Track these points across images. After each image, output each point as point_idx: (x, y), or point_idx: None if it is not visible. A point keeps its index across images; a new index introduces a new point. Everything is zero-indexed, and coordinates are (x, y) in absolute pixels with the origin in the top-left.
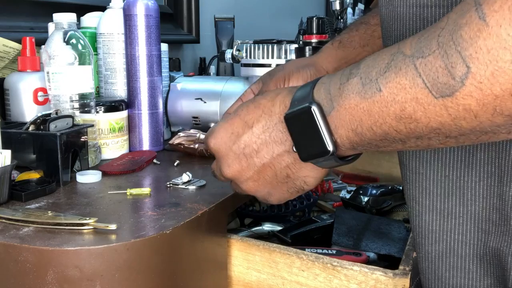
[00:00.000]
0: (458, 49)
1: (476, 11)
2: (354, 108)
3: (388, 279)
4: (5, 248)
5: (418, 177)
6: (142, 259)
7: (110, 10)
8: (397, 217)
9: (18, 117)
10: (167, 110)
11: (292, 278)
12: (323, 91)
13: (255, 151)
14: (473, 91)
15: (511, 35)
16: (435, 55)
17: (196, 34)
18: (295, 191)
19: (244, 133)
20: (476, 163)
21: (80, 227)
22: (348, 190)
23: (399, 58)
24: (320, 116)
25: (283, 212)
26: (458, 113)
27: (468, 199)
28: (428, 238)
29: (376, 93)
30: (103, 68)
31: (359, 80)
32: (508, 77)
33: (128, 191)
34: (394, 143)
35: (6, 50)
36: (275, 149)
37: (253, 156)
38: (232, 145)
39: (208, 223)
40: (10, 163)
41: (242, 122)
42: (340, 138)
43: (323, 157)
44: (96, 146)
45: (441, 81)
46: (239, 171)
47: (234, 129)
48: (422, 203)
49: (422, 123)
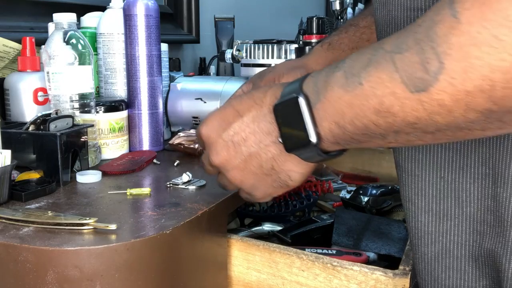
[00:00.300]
0: (433, 46)
1: (449, 9)
2: (337, 101)
3: (388, 279)
4: (5, 248)
5: (413, 179)
6: (142, 259)
7: (110, 10)
8: (397, 217)
9: (18, 117)
10: (167, 110)
11: (292, 278)
12: (311, 84)
13: (243, 139)
14: (446, 87)
15: (481, 32)
16: (412, 51)
17: (196, 34)
18: (279, 185)
19: (235, 121)
20: (470, 164)
21: (80, 227)
22: (348, 190)
23: (380, 54)
24: (306, 107)
25: (283, 212)
26: (432, 108)
27: (463, 201)
28: (424, 239)
29: (358, 87)
30: (103, 68)
31: (343, 74)
32: (478, 73)
33: (128, 191)
34: (374, 138)
35: (6, 50)
36: (263, 139)
37: (241, 145)
38: (222, 132)
39: (208, 223)
40: (10, 163)
41: (233, 111)
42: (324, 130)
43: (306, 149)
44: (96, 146)
45: (417, 76)
46: (226, 159)
47: (225, 117)
48: (418, 204)
49: (399, 117)
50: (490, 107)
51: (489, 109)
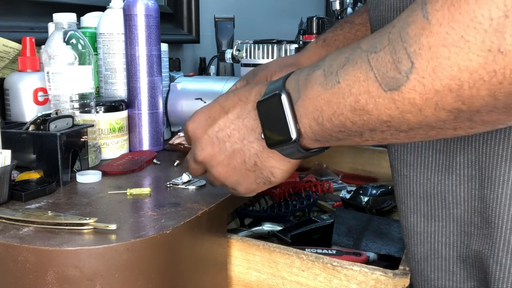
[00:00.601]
0: (405, 46)
1: (421, 10)
2: (316, 98)
3: (388, 279)
4: (5, 248)
5: (403, 179)
6: (142, 259)
7: (110, 10)
8: (397, 217)
9: (18, 117)
10: (167, 110)
11: (292, 278)
12: (293, 81)
13: (228, 135)
14: (416, 86)
15: (450, 33)
16: (385, 51)
17: (196, 34)
18: (262, 182)
19: (220, 117)
20: (457, 166)
21: (80, 227)
22: (348, 190)
23: (357, 53)
24: (288, 104)
25: (283, 212)
26: (404, 106)
27: (450, 202)
28: (414, 239)
29: (335, 85)
30: (103, 68)
31: (322, 72)
32: (447, 73)
33: (128, 191)
34: (351, 135)
35: (6, 50)
36: (246, 135)
37: (225, 141)
38: (208, 128)
39: (208, 223)
40: (10, 163)
41: (219, 108)
42: (304, 127)
43: (287, 145)
44: (96, 146)
45: (389, 75)
46: (211, 155)
47: (211, 113)
48: (408, 205)
49: (374, 115)
50: (459, 106)
51: (458, 109)
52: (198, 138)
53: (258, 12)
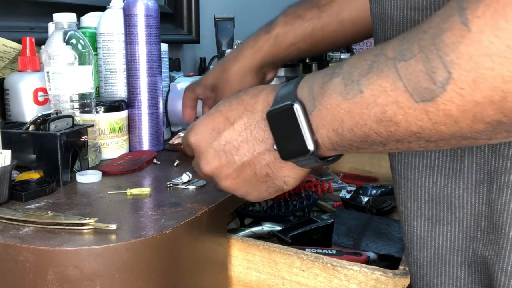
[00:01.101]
0: (440, 54)
1: (459, 16)
2: (335, 108)
3: (388, 279)
4: (5, 248)
5: (406, 182)
6: (142, 259)
7: (110, 10)
8: (397, 217)
9: (18, 117)
10: (167, 110)
11: (292, 278)
12: (306, 89)
13: (236, 148)
14: (454, 97)
15: (493, 42)
16: (417, 59)
17: (196, 34)
18: (274, 190)
19: (225, 129)
20: (465, 170)
21: (80, 227)
22: (348, 190)
23: (381, 60)
24: (302, 115)
25: (283, 212)
26: (438, 118)
27: (456, 206)
28: (417, 243)
29: (358, 94)
30: (103, 68)
31: (342, 80)
32: (489, 84)
33: (128, 191)
34: (374, 145)
35: (6, 50)
36: (256, 147)
37: (233, 154)
38: (213, 141)
39: (208, 223)
40: (10, 163)
41: (223, 118)
42: (321, 137)
43: (303, 156)
44: (96, 146)
45: (422, 86)
46: (217, 168)
47: (215, 125)
48: (411, 208)
49: (402, 127)
50: (500, 118)
51: (498, 120)
52: (202, 152)
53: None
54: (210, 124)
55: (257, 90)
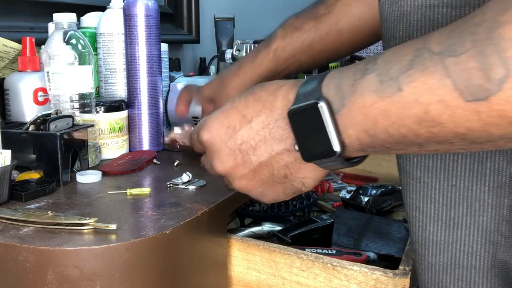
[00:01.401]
0: (497, 50)
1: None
2: (369, 108)
3: (388, 279)
4: (5, 248)
5: (421, 186)
6: (142, 259)
7: (110, 10)
8: (397, 217)
9: (18, 117)
10: (167, 110)
11: (292, 278)
12: (333, 86)
13: (253, 148)
14: (510, 96)
15: None
16: (469, 55)
17: (196, 34)
18: (292, 192)
19: (242, 127)
20: (486, 172)
21: (80, 227)
22: (348, 190)
23: (425, 56)
24: (328, 114)
25: (283, 212)
26: (490, 119)
27: (476, 210)
28: (432, 249)
29: (396, 93)
30: (103, 68)
31: (377, 77)
32: None
33: (128, 191)
34: (410, 146)
35: (6, 50)
36: (275, 147)
37: (249, 153)
38: (228, 140)
39: (208, 223)
40: (10, 163)
41: (239, 116)
42: (349, 138)
43: (328, 158)
44: (96, 146)
45: (475, 84)
46: (232, 168)
47: (230, 122)
48: (426, 212)
49: (448, 128)
50: None
51: None
52: (216, 150)
53: (258, 12)
54: (225, 121)
55: (275, 86)
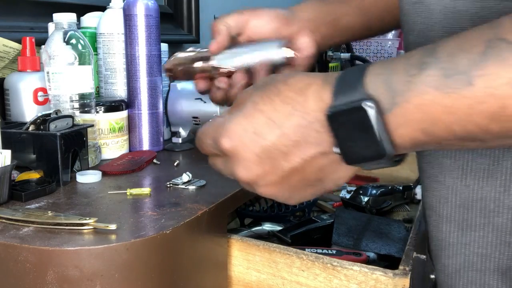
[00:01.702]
0: None
1: None
2: (430, 105)
3: (388, 279)
4: (5, 248)
5: (436, 185)
6: (142, 259)
7: (110, 10)
8: (397, 217)
9: (18, 117)
10: (167, 110)
11: (292, 278)
12: (381, 83)
13: (284, 154)
14: None
15: None
16: None
17: (196, 34)
18: (321, 193)
19: (271, 132)
20: (502, 171)
21: (80, 227)
22: (348, 190)
23: (502, 46)
24: (378, 114)
25: (283, 212)
26: None
27: (491, 210)
28: (446, 250)
29: (466, 87)
30: (103, 68)
31: (439, 72)
32: None
33: (128, 191)
34: (472, 142)
35: (6, 50)
36: (308, 151)
37: (279, 159)
38: (255, 146)
39: (208, 223)
40: (10, 163)
41: (266, 120)
42: (401, 138)
43: (377, 160)
44: (96, 146)
45: None
46: (259, 176)
47: (256, 128)
48: (441, 213)
49: None
50: None
51: None
52: (241, 158)
53: None
54: (249, 126)
55: (302, 84)
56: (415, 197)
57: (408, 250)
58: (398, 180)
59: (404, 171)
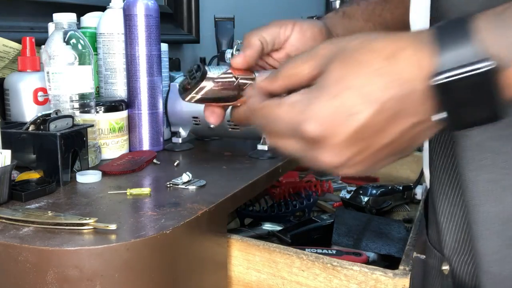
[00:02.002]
0: None
1: None
2: None
3: (388, 279)
4: (5, 248)
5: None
6: (142, 259)
7: (110, 10)
8: (397, 217)
9: (18, 117)
10: (167, 110)
11: (292, 278)
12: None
13: (378, 131)
14: None
15: None
16: None
17: (196, 34)
18: (394, 160)
19: (365, 110)
20: None
21: (80, 227)
22: (348, 190)
23: None
24: (497, 75)
25: (283, 212)
26: None
27: None
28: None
29: None
30: (103, 68)
31: None
32: None
33: (128, 191)
34: None
35: (6, 50)
36: (405, 123)
37: (373, 138)
38: (347, 130)
39: (208, 223)
40: (10, 163)
41: (359, 96)
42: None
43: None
44: (96, 146)
45: None
46: (348, 158)
47: (348, 107)
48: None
49: None
50: None
51: None
52: (329, 144)
53: (258, 12)
54: (341, 107)
55: (390, 50)
56: (415, 197)
57: (408, 250)
58: (398, 180)
59: (404, 171)
